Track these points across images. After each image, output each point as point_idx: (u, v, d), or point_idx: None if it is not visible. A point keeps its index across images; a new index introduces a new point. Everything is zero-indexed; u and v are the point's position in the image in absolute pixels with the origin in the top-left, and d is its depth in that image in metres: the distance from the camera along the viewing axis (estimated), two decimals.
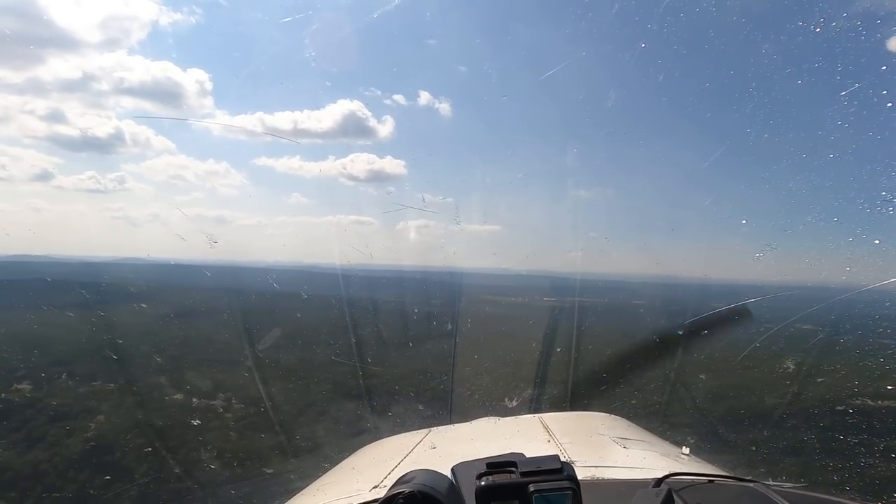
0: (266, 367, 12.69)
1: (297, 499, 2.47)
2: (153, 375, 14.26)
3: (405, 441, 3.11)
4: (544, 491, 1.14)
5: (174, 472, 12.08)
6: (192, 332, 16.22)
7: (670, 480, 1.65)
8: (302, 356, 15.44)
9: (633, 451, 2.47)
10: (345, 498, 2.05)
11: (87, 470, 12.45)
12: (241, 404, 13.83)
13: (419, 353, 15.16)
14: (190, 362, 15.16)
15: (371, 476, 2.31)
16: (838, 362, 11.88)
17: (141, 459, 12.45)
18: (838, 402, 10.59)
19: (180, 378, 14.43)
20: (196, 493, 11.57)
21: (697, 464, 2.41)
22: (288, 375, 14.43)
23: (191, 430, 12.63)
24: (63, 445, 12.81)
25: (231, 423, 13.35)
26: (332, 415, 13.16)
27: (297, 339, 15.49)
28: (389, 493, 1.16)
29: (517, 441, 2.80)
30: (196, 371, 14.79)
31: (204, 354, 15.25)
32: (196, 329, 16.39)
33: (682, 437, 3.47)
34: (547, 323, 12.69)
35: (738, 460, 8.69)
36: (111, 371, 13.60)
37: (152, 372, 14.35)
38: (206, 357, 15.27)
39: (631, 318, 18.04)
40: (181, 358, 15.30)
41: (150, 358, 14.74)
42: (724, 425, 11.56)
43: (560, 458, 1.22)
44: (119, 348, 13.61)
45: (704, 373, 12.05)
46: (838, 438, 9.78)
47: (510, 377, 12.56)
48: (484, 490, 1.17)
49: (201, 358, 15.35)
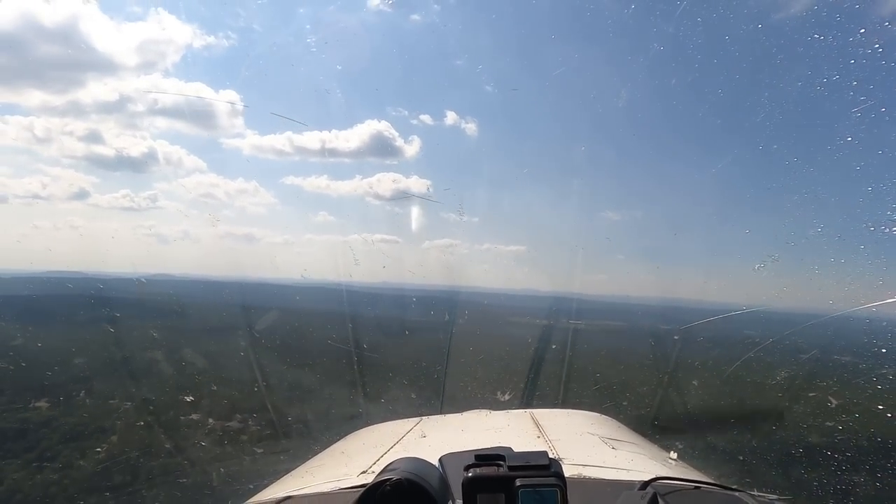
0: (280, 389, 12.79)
1: (286, 480, 2.48)
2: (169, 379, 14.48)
3: (395, 428, 3.12)
4: (531, 486, 1.14)
5: (165, 446, 12.20)
6: (216, 349, 16.17)
7: (656, 484, 1.66)
8: (315, 373, 15.48)
9: (622, 452, 2.48)
10: (332, 481, 2.06)
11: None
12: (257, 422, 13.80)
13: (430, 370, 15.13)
14: (210, 378, 15.20)
15: (360, 461, 2.33)
16: (831, 377, 11.91)
17: (134, 432, 12.59)
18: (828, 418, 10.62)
19: (195, 385, 14.57)
20: (185, 468, 11.67)
21: (684, 469, 2.42)
22: (309, 397, 14.50)
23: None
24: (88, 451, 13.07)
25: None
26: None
27: (317, 355, 15.53)
28: (377, 480, 1.17)
29: (507, 435, 2.81)
30: (217, 386, 14.81)
31: (227, 371, 15.22)
32: (221, 345, 16.34)
33: (670, 443, 3.48)
34: (574, 348, 12.65)
35: (727, 469, 8.71)
36: (131, 383, 13.83)
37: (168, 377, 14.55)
38: (228, 375, 15.26)
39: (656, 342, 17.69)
40: (203, 373, 15.33)
41: (169, 366, 14.90)
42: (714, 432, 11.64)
43: (549, 454, 1.22)
44: (140, 361, 13.80)
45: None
46: (825, 454, 9.80)
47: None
48: (471, 481, 1.18)
49: (224, 375, 15.33)
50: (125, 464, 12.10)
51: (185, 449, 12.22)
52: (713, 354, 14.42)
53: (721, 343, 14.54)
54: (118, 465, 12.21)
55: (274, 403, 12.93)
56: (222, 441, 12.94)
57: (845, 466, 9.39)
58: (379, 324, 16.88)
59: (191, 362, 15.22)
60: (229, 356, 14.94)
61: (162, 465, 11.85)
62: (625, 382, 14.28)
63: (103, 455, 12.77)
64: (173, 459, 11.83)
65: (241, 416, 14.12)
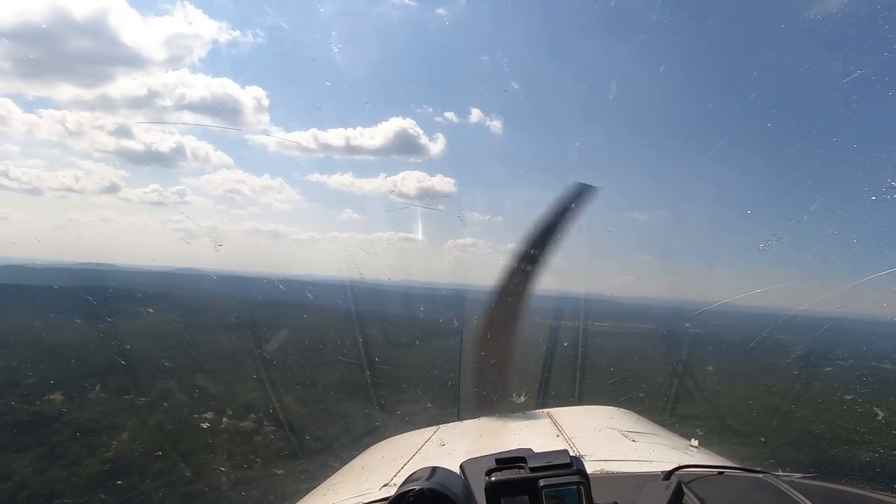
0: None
1: (308, 498, 2.48)
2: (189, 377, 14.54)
3: (414, 439, 3.11)
4: (554, 486, 1.14)
5: (184, 474, 12.19)
6: (238, 345, 16.19)
7: (680, 473, 1.65)
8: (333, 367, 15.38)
9: (642, 444, 2.47)
10: (355, 497, 2.05)
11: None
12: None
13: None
14: (231, 375, 15.22)
15: (381, 475, 2.32)
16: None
17: (154, 460, 12.69)
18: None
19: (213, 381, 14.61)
20: (207, 495, 11.64)
21: (706, 456, 2.41)
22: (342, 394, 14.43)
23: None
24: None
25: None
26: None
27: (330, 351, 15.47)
28: (399, 492, 1.16)
29: (526, 436, 2.80)
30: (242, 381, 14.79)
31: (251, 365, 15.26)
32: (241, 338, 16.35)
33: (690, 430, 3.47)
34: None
35: (748, 453, 8.65)
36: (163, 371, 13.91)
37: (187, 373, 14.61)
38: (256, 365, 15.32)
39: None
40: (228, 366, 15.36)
41: (190, 361, 15.00)
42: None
43: (569, 452, 1.22)
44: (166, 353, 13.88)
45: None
46: (847, 427, 9.72)
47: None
48: (494, 486, 1.17)
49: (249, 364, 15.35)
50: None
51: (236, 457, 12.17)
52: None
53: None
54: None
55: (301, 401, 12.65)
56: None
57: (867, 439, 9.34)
58: (398, 323, 16.70)
59: (211, 359, 15.23)
60: (254, 351, 14.82)
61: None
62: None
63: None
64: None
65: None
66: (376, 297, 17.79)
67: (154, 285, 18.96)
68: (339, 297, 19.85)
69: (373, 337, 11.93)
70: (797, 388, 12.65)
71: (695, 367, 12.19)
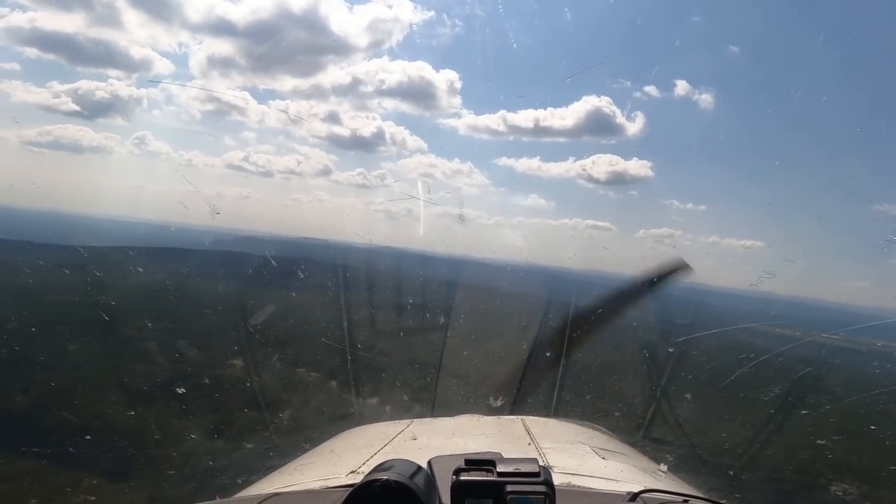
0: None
1: (274, 476, 2.47)
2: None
3: (386, 430, 3.12)
4: (520, 493, 1.14)
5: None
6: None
7: (645, 496, 1.65)
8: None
9: (612, 462, 2.48)
10: (321, 480, 2.05)
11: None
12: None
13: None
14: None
15: (349, 461, 2.32)
16: None
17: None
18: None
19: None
20: (175, 459, 11.64)
21: (674, 482, 2.41)
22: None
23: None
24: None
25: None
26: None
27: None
28: (365, 480, 1.16)
29: (497, 440, 2.80)
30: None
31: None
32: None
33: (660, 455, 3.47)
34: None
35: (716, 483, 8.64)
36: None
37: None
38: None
39: None
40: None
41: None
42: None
43: (539, 461, 1.22)
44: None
45: None
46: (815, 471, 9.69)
47: None
48: (460, 486, 1.17)
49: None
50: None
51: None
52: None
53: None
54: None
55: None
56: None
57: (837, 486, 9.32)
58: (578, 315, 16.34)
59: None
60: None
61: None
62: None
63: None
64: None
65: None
66: (557, 284, 17.53)
67: (359, 261, 19.82)
68: (521, 282, 20.11)
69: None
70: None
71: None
